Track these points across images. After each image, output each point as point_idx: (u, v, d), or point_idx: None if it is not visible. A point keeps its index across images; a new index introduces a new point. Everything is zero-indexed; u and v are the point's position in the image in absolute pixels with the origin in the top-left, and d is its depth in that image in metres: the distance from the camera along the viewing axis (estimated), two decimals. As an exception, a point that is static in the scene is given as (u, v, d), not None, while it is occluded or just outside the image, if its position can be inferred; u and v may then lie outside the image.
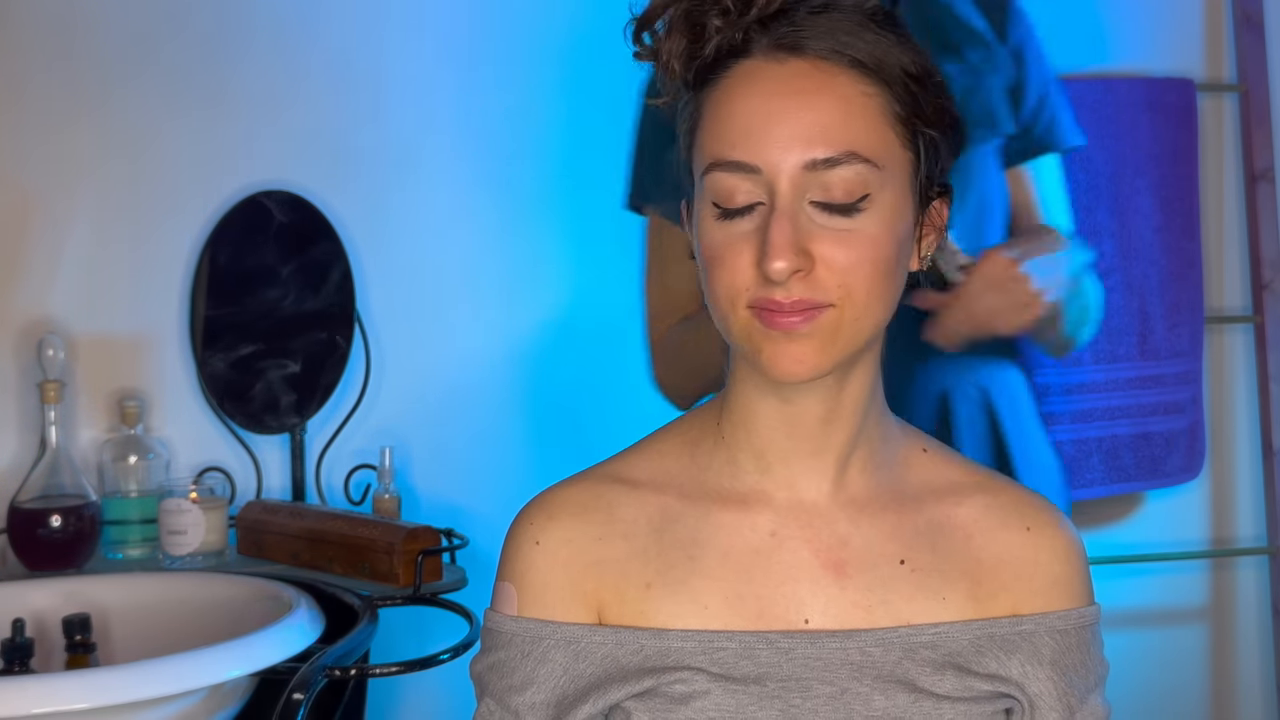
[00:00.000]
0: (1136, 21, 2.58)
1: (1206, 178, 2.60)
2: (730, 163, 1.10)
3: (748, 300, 1.10)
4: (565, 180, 2.40)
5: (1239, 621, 2.69)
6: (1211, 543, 2.67)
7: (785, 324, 1.09)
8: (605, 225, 2.25)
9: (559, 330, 2.41)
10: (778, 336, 1.10)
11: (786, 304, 1.09)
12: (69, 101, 2.23)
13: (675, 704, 1.14)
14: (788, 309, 1.09)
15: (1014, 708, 1.18)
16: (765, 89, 1.11)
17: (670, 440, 1.23)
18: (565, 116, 2.40)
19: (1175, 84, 2.54)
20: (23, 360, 2.20)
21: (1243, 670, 2.69)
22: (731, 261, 1.10)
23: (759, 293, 1.09)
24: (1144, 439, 2.49)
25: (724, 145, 1.10)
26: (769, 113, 1.10)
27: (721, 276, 1.11)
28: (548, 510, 1.20)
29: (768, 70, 1.11)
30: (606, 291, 2.36)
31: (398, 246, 2.35)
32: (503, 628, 1.19)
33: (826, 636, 1.15)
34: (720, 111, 1.12)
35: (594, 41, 2.27)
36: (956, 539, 1.19)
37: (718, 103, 1.12)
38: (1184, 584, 2.67)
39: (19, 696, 1.49)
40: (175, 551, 2.06)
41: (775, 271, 1.07)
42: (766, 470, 1.18)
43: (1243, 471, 2.67)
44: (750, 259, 1.09)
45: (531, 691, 1.17)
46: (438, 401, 2.36)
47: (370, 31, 2.34)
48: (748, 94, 1.11)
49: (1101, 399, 2.47)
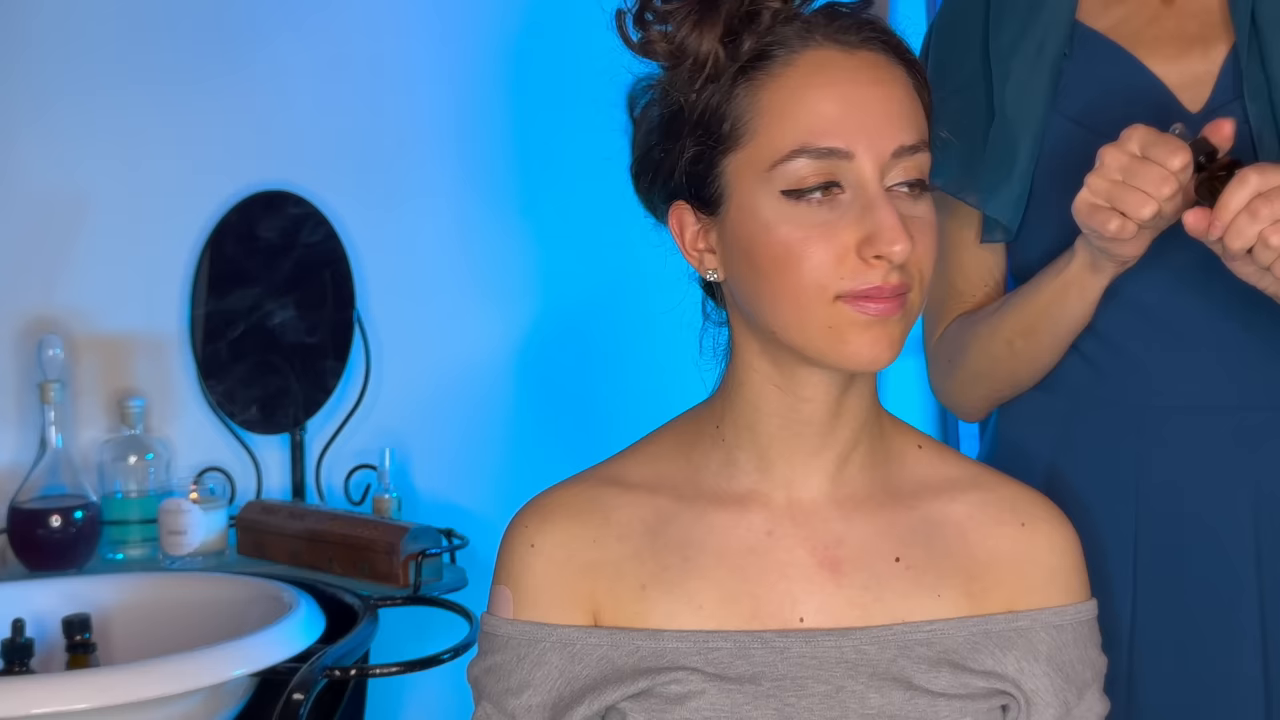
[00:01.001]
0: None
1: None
2: (821, 149, 1.08)
3: (837, 290, 1.09)
4: (566, 180, 2.40)
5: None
6: (1211, 543, 2.67)
7: (885, 309, 1.09)
8: (607, 225, 2.26)
9: (559, 331, 2.41)
10: (871, 323, 1.09)
11: (887, 289, 1.09)
12: (69, 101, 2.23)
13: (670, 704, 1.14)
14: (887, 294, 1.09)
15: (1010, 704, 1.18)
16: (845, 77, 1.10)
17: (664, 442, 1.23)
18: (566, 116, 2.40)
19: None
20: (23, 360, 2.20)
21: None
22: (814, 252, 1.09)
23: (854, 281, 1.09)
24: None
25: (809, 132, 1.09)
26: (856, 100, 1.10)
27: (803, 269, 1.09)
28: (542, 513, 1.20)
29: (841, 60, 1.11)
30: (607, 292, 2.36)
31: (398, 246, 2.35)
32: (499, 631, 1.19)
33: (821, 635, 1.15)
34: (797, 99, 1.09)
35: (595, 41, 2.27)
36: (951, 535, 1.19)
37: (791, 90, 1.10)
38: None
39: (19, 696, 1.49)
40: (175, 551, 2.06)
41: (898, 254, 1.07)
42: (767, 470, 1.18)
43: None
44: (835, 248, 1.08)
45: (528, 694, 1.17)
46: (438, 401, 2.37)
47: (371, 31, 2.34)
48: (829, 81, 1.10)
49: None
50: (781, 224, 1.09)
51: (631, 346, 2.35)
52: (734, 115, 1.11)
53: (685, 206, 1.16)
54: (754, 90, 1.11)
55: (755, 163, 1.10)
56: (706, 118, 1.12)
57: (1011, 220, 1.45)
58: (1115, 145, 1.26)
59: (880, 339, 1.10)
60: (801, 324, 1.10)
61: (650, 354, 2.24)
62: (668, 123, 1.15)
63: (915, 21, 2.44)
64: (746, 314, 1.15)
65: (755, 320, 1.14)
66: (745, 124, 1.11)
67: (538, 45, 2.39)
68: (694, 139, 1.13)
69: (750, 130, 1.11)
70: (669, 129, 1.15)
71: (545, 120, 2.40)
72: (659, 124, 1.16)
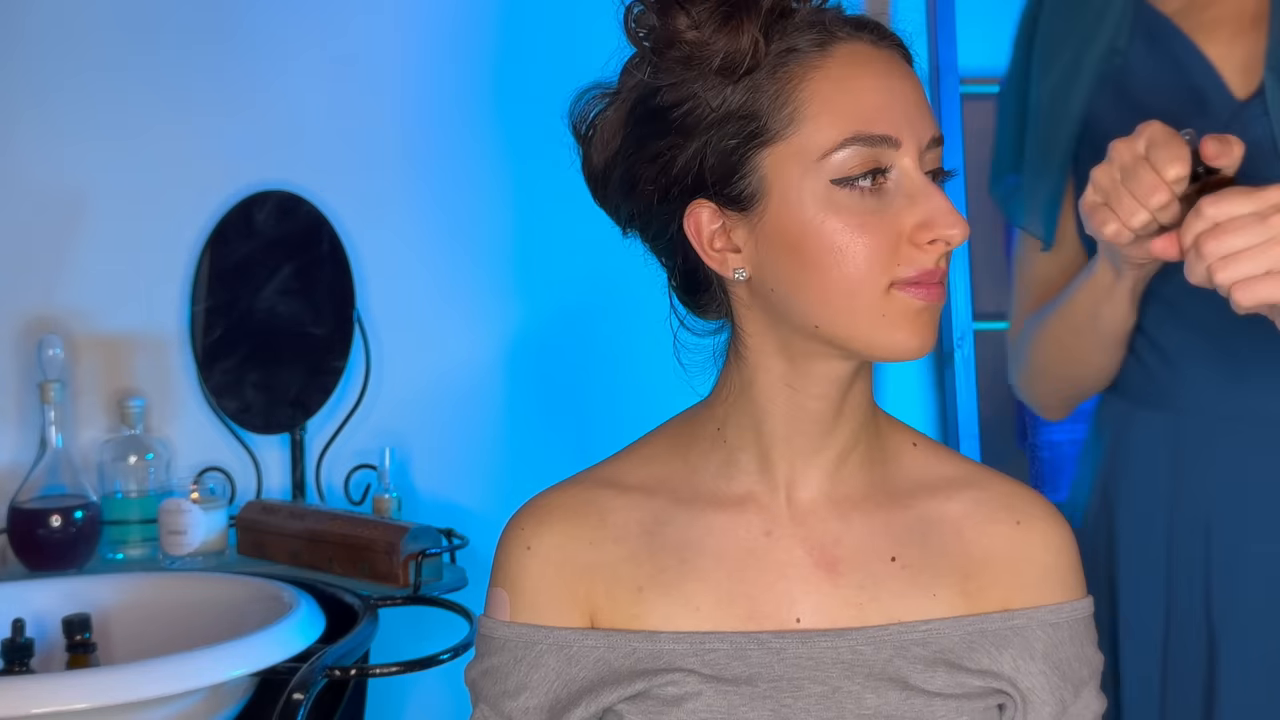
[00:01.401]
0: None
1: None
2: (874, 136, 1.09)
3: (892, 277, 1.09)
4: (567, 180, 2.39)
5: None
6: (1211, 542, 2.67)
7: (936, 293, 1.10)
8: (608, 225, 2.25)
9: (559, 331, 2.41)
10: (921, 311, 1.10)
11: (938, 274, 1.10)
12: (68, 100, 2.23)
13: (667, 706, 1.14)
14: (939, 278, 1.10)
15: (1006, 703, 1.18)
16: (881, 69, 1.11)
17: (659, 444, 1.22)
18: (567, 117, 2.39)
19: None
20: (23, 360, 2.20)
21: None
22: (869, 240, 1.09)
23: (909, 268, 1.09)
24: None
25: (861, 120, 1.09)
26: (896, 91, 1.11)
27: (860, 257, 1.09)
28: (538, 516, 1.20)
29: (873, 53, 1.12)
30: (608, 292, 2.36)
31: (398, 246, 2.35)
32: (496, 633, 1.19)
33: (818, 636, 1.15)
34: (843, 89, 1.09)
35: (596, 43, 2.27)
36: (947, 534, 1.19)
37: (835, 80, 1.09)
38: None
39: (19, 696, 1.49)
40: (175, 551, 2.06)
41: (957, 237, 1.09)
42: (767, 471, 1.18)
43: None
44: (890, 235, 1.09)
45: (525, 696, 1.17)
46: (438, 401, 2.37)
47: (371, 31, 2.34)
48: (869, 73, 1.10)
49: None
50: (833, 214, 1.09)
51: (632, 346, 2.35)
52: (769, 109, 1.10)
53: (704, 205, 1.13)
54: (790, 83, 1.10)
55: (802, 154, 1.09)
56: (737, 113, 1.10)
57: (1044, 233, 1.43)
58: (1126, 140, 1.22)
59: (927, 326, 1.11)
60: (853, 313, 1.10)
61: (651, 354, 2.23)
62: (678, 121, 1.12)
63: (915, 22, 2.44)
64: (778, 311, 1.14)
65: (792, 316, 1.13)
66: (785, 116, 1.09)
67: (538, 46, 2.39)
68: (722, 135, 1.11)
69: (793, 122, 1.09)
70: (681, 127, 1.12)
71: (545, 120, 2.40)
72: (662, 123, 1.13)
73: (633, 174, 1.16)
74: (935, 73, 2.40)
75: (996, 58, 2.52)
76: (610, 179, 1.19)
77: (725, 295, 1.17)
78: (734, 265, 1.14)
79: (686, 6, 1.11)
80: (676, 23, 1.11)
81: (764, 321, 1.15)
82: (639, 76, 1.15)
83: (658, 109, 1.13)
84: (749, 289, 1.15)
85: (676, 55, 1.11)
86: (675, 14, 1.11)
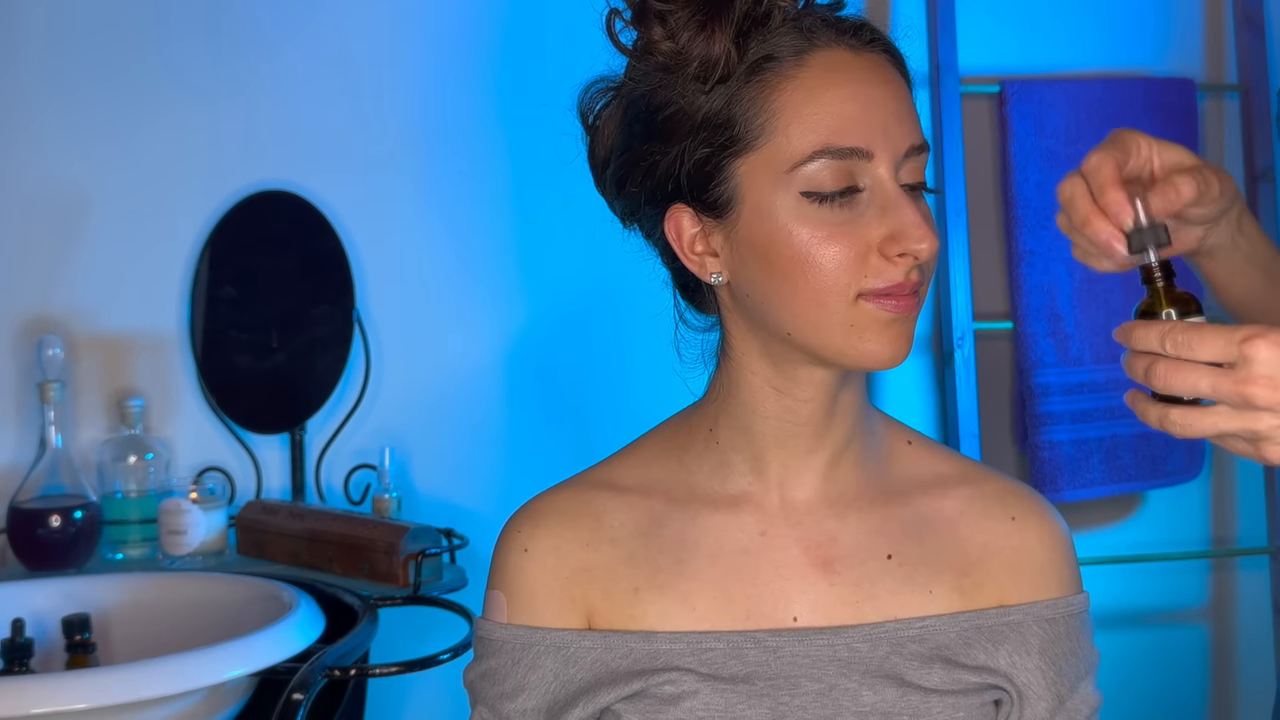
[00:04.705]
0: (1137, 22, 2.58)
1: (1207, 178, 2.59)
2: (843, 149, 1.08)
3: (860, 289, 1.09)
4: (567, 181, 2.39)
5: (1239, 622, 2.69)
6: (1212, 543, 2.67)
7: (905, 305, 1.09)
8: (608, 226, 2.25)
9: (559, 331, 2.41)
10: (891, 321, 1.09)
11: (908, 286, 1.09)
12: (68, 101, 2.23)
13: (664, 705, 1.14)
14: (909, 290, 1.09)
15: (1003, 699, 1.18)
16: (859, 77, 1.10)
17: (654, 445, 1.22)
18: (567, 117, 2.39)
19: (1176, 84, 2.53)
20: (23, 360, 2.20)
21: (1243, 670, 2.69)
22: (836, 252, 1.08)
23: (877, 279, 1.09)
24: (1144, 439, 2.48)
25: (831, 133, 1.08)
26: (872, 100, 1.09)
27: (826, 268, 1.09)
28: (535, 518, 1.20)
29: (851, 60, 1.10)
30: (608, 292, 2.36)
31: (398, 246, 2.35)
32: (493, 635, 1.19)
33: (814, 634, 1.15)
34: (815, 100, 1.09)
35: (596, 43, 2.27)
36: (943, 531, 1.19)
37: (808, 91, 1.09)
38: (1184, 584, 2.66)
39: (19, 696, 1.49)
40: (175, 551, 2.06)
41: (925, 251, 1.08)
42: (761, 471, 1.18)
43: (1243, 471, 2.66)
44: (858, 247, 1.08)
45: (523, 698, 1.17)
46: (438, 401, 2.37)
47: (371, 31, 2.34)
48: (845, 81, 1.09)
49: (1102, 399, 2.46)
50: (802, 225, 1.09)
51: (631, 347, 2.35)
52: (744, 117, 1.10)
53: (684, 209, 1.14)
54: (765, 91, 1.10)
55: (773, 164, 1.09)
56: (713, 120, 1.10)
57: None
58: (1078, 169, 1.10)
59: (900, 336, 1.10)
60: (821, 324, 1.10)
61: (651, 354, 2.23)
62: (660, 125, 1.12)
63: (916, 21, 2.44)
64: (755, 316, 1.14)
65: (767, 322, 1.13)
66: (759, 126, 1.09)
67: (538, 46, 2.39)
68: (698, 142, 1.11)
69: (765, 132, 1.09)
70: (662, 131, 1.12)
71: (546, 120, 2.40)
72: (647, 127, 1.13)
73: (621, 174, 1.17)
74: (935, 73, 2.40)
75: (997, 58, 2.54)
76: (606, 175, 1.20)
77: (713, 296, 1.18)
78: (712, 269, 1.15)
79: (663, 15, 1.11)
80: (652, 32, 1.12)
81: (746, 325, 1.16)
82: (629, 80, 1.16)
83: (645, 112, 1.14)
84: (730, 292, 1.16)
85: (656, 63, 1.12)
86: (652, 23, 1.12)
